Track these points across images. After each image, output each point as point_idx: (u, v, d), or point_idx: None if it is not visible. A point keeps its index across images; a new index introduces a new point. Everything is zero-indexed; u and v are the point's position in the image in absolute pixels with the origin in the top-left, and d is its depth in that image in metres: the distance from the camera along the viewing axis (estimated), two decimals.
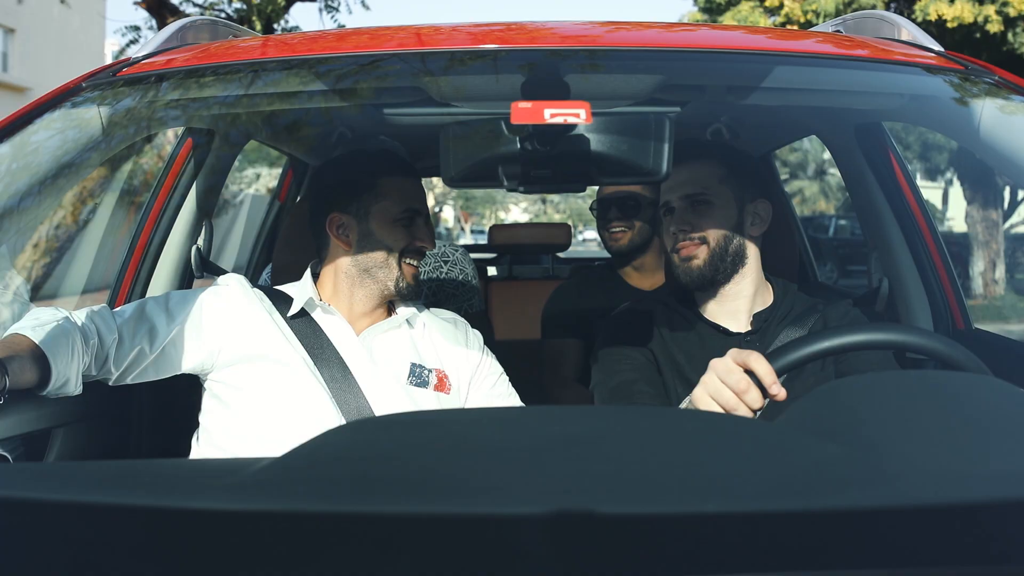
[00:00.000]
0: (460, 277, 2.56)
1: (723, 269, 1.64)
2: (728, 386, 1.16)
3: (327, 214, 1.73)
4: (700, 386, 1.21)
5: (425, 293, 2.49)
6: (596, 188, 2.72)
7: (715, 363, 1.19)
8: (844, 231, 16.79)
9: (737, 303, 1.67)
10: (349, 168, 1.77)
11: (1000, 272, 11.25)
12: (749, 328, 1.67)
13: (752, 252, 1.67)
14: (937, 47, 1.59)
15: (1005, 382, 1.06)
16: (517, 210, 49.56)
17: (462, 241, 18.19)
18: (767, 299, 1.70)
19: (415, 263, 1.70)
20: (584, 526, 0.68)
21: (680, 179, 1.64)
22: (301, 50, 1.53)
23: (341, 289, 1.72)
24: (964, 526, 0.72)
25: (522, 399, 1.87)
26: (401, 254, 1.69)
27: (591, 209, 2.67)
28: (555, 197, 44.49)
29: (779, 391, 1.14)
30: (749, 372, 1.17)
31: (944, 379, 1.07)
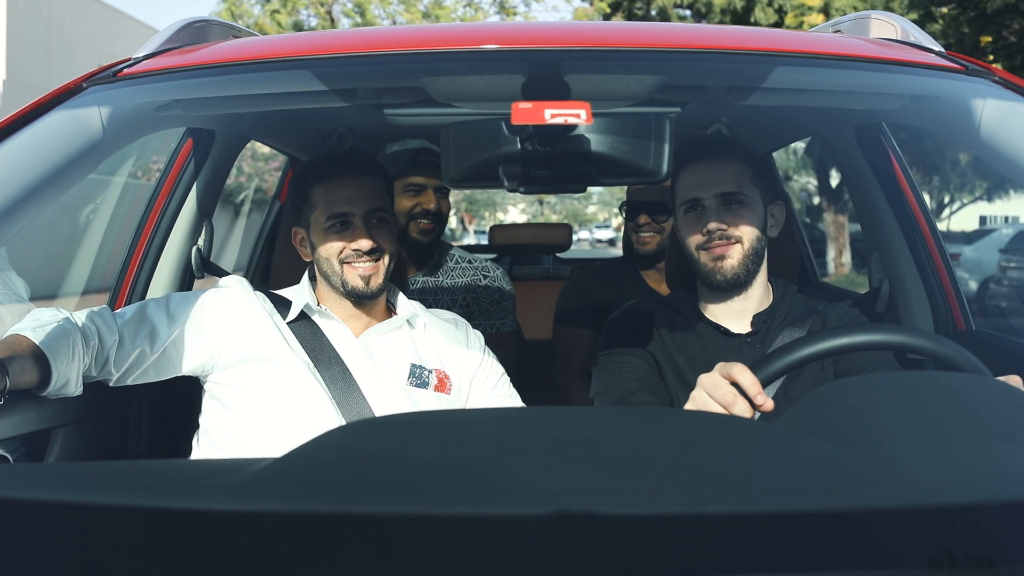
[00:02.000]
0: (496, 295, 2.54)
1: (752, 271, 1.64)
2: (715, 400, 1.16)
3: (291, 228, 1.78)
4: (690, 401, 1.22)
5: (460, 303, 2.48)
6: (599, 189, 2.72)
7: (703, 378, 1.20)
8: None
9: (745, 304, 1.67)
10: (294, 181, 1.81)
11: (846, 257, 15.44)
12: (750, 329, 1.67)
13: (765, 254, 1.68)
14: (937, 47, 1.59)
15: (1004, 383, 1.05)
16: (515, 211, 49.83)
17: (465, 241, 18.16)
18: (767, 300, 1.70)
19: (360, 264, 1.67)
20: (585, 526, 0.68)
21: (711, 176, 1.63)
22: (301, 50, 1.53)
23: (326, 293, 1.73)
24: (964, 526, 0.72)
25: (525, 399, 1.87)
26: (341, 260, 1.68)
27: (620, 209, 2.67)
28: (552, 199, 44.83)
29: (764, 401, 1.14)
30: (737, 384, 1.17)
31: (944, 380, 1.07)
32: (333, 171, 1.73)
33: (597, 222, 49.43)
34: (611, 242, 40.82)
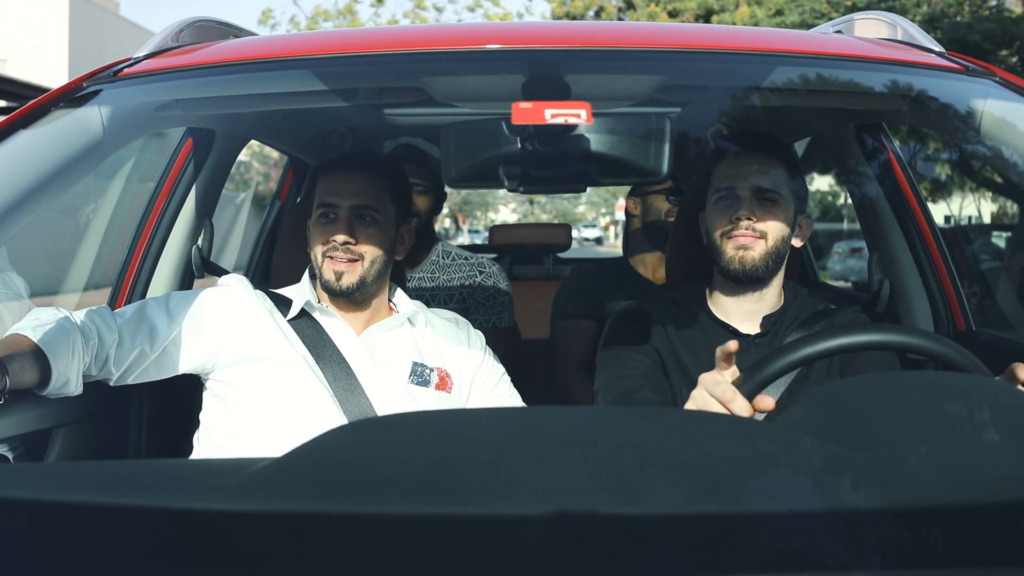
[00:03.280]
0: (492, 291, 2.56)
1: (771, 270, 1.63)
2: (715, 397, 1.17)
3: (306, 222, 1.79)
4: (690, 400, 1.23)
5: (456, 298, 2.50)
6: (587, 190, 2.69)
7: (704, 377, 1.21)
8: None
9: (758, 305, 1.67)
10: (310, 178, 1.81)
11: None
12: (759, 330, 1.66)
13: (786, 259, 1.68)
14: (938, 47, 1.59)
15: (1004, 383, 1.05)
16: (506, 211, 50.21)
17: (460, 240, 18.14)
18: (778, 302, 1.70)
19: (336, 258, 1.66)
20: (584, 526, 0.68)
21: (751, 169, 1.63)
22: (301, 50, 1.53)
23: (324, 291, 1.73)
24: (964, 527, 0.72)
25: (524, 398, 1.86)
26: (325, 254, 1.67)
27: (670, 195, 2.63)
28: (542, 199, 45.29)
29: (761, 402, 1.15)
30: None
31: (944, 380, 1.07)
32: (334, 165, 1.75)
33: (585, 221, 49.85)
34: (598, 240, 40.96)
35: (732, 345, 1.21)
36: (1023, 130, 1.44)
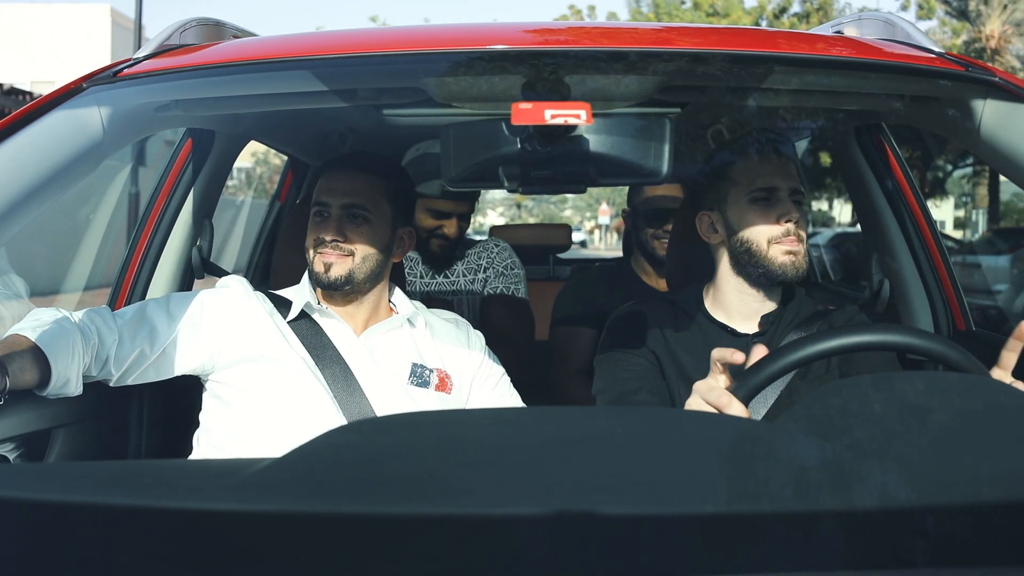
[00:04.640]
0: (508, 262, 2.72)
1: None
2: (710, 403, 1.17)
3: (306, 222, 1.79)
4: (685, 407, 1.22)
5: (473, 268, 2.64)
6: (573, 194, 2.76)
7: (698, 384, 1.21)
8: None
9: (762, 304, 1.66)
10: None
11: None
12: (757, 329, 1.66)
13: None
14: (938, 48, 1.59)
15: (1004, 383, 1.06)
16: (494, 215, 50.83)
17: None
18: (776, 301, 1.69)
19: (323, 252, 1.66)
20: (584, 526, 0.68)
21: (785, 169, 1.62)
22: (301, 50, 1.53)
23: (324, 291, 1.73)
24: (964, 526, 0.72)
25: (525, 398, 1.87)
26: (315, 250, 1.68)
27: (622, 213, 2.70)
28: (529, 203, 45.65)
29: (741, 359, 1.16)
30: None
31: (944, 380, 1.07)
32: (333, 164, 1.75)
33: (572, 225, 50.44)
34: (583, 244, 41.14)
35: (738, 358, 1.18)
36: (1022, 130, 1.44)
